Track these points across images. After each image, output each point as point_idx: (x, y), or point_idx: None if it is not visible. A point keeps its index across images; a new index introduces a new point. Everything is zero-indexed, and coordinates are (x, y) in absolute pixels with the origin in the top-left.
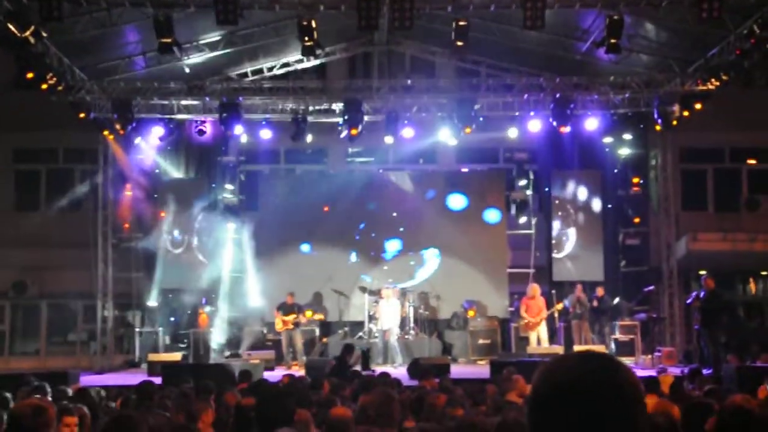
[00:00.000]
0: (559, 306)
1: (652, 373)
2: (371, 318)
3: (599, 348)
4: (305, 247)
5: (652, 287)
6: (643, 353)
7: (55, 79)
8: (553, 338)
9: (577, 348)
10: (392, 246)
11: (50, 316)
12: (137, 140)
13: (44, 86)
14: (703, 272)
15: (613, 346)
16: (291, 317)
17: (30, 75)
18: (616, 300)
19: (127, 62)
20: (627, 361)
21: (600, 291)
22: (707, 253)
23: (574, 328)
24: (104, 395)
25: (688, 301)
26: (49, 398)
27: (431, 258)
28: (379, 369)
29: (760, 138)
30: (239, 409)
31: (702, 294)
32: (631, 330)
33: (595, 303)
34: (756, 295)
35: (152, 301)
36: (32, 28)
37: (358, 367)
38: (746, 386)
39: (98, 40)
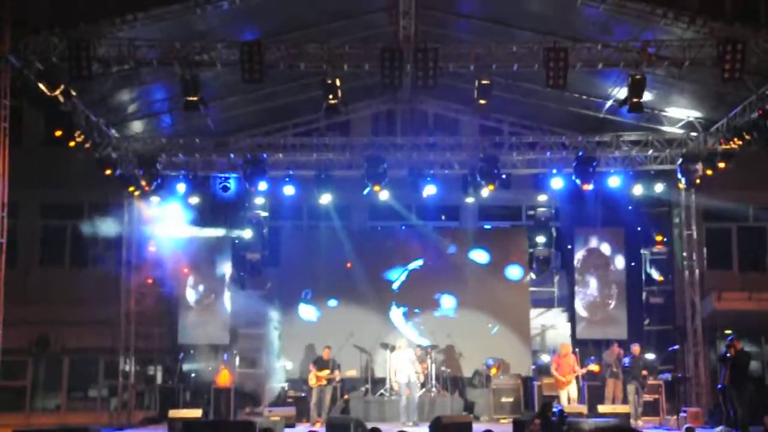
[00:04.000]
0: (594, 367)
1: None
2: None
3: (624, 408)
4: (332, 303)
5: (676, 347)
6: (668, 414)
7: (82, 136)
8: (577, 397)
9: (602, 408)
10: (416, 301)
11: (72, 372)
12: (162, 196)
13: (72, 143)
14: (728, 332)
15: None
16: (325, 373)
17: (58, 132)
18: (652, 357)
19: (153, 119)
20: (651, 421)
21: (636, 349)
22: (732, 312)
23: (609, 386)
24: None
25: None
26: None
27: (454, 314)
28: (394, 428)
29: None
30: None
31: (729, 354)
32: (656, 390)
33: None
34: None
35: (174, 357)
36: (62, 87)
37: None
38: None
39: (126, 97)
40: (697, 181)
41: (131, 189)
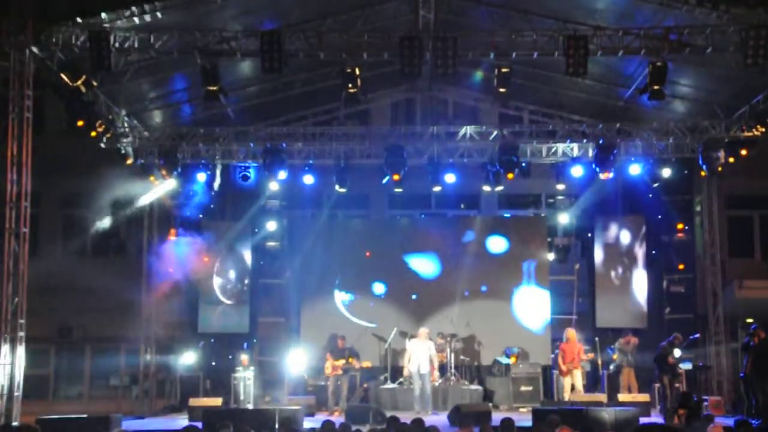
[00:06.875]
0: (590, 356)
1: None
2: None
3: (643, 397)
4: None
5: (697, 335)
6: None
7: (103, 126)
8: (596, 386)
9: (622, 397)
10: (436, 291)
11: (93, 360)
12: (182, 186)
13: (93, 133)
14: (750, 320)
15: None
16: (341, 362)
17: (80, 123)
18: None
19: (173, 109)
20: None
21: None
22: (755, 300)
23: (624, 376)
24: None
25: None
26: None
27: (474, 304)
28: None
29: None
30: None
31: (752, 342)
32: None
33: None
34: None
35: (194, 346)
36: (83, 77)
37: None
38: None
39: (146, 87)
40: (719, 168)
41: (152, 178)
